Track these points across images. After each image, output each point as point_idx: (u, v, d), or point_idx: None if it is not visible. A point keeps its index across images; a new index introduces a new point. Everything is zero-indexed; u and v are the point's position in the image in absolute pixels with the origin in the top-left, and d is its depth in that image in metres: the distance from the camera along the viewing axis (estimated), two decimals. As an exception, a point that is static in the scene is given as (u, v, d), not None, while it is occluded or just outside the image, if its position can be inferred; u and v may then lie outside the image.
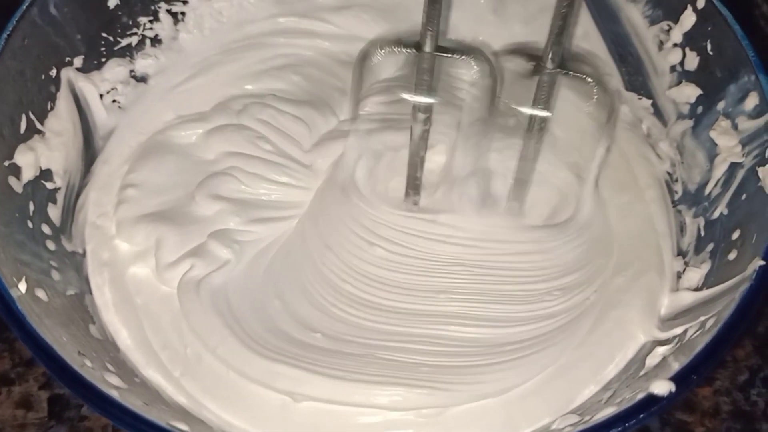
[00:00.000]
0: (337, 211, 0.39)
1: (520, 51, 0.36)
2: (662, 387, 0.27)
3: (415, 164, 0.38)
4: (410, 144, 0.37)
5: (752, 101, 0.35)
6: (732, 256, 0.33)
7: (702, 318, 0.31)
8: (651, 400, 0.27)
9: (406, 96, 0.36)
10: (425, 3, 0.32)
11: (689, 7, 0.39)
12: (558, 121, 0.40)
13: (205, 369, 0.35)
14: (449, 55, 0.34)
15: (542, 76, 0.34)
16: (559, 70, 0.34)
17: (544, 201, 0.40)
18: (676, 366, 0.28)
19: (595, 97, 0.35)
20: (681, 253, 0.38)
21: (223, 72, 0.45)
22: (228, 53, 0.46)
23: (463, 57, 0.34)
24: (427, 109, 0.36)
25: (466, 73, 0.39)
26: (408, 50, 0.34)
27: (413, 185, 0.38)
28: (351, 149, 0.39)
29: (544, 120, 0.35)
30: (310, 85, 0.44)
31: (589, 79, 0.34)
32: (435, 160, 0.40)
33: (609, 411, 0.28)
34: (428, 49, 0.34)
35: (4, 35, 0.35)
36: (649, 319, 0.35)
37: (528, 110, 0.35)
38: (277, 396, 0.34)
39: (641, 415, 0.26)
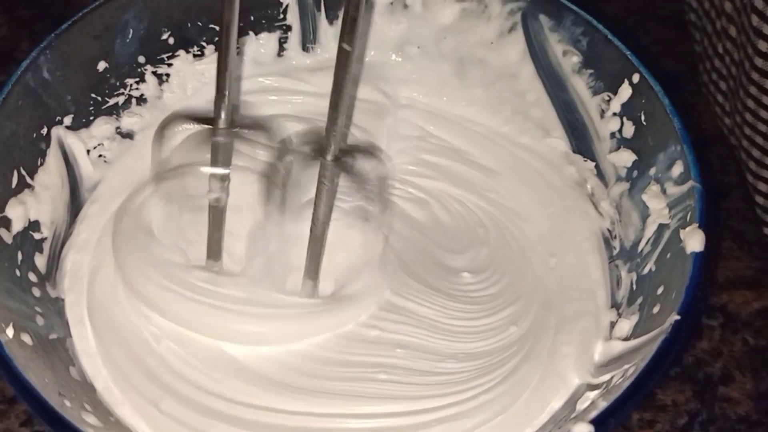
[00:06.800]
0: None
1: (309, 140, 0.38)
2: (582, 429, 0.30)
3: (216, 234, 0.40)
4: (209, 216, 0.40)
5: (678, 169, 0.38)
6: (656, 309, 0.36)
7: (626, 366, 0.34)
8: (571, 441, 0.30)
9: (203, 169, 0.39)
10: (216, 76, 0.35)
11: (626, 81, 0.42)
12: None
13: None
14: (242, 130, 0.37)
15: (322, 168, 0.37)
16: (337, 163, 0.36)
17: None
18: (597, 410, 0.31)
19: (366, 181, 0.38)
20: (616, 305, 0.41)
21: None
22: (211, 110, 0.49)
23: (257, 131, 0.38)
24: (223, 180, 0.39)
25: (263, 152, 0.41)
26: (201, 125, 0.37)
27: (215, 252, 0.40)
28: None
29: (327, 210, 0.38)
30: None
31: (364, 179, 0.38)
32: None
33: (536, 452, 0.31)
34: (222, 125, 0.37)
35: (0, 98, 0.38)
36: (583, 364, 0.38)
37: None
38: None
39: (563, 455, 0.29)
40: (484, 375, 0.38)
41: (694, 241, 0.35)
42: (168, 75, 0.49)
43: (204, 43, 0.49)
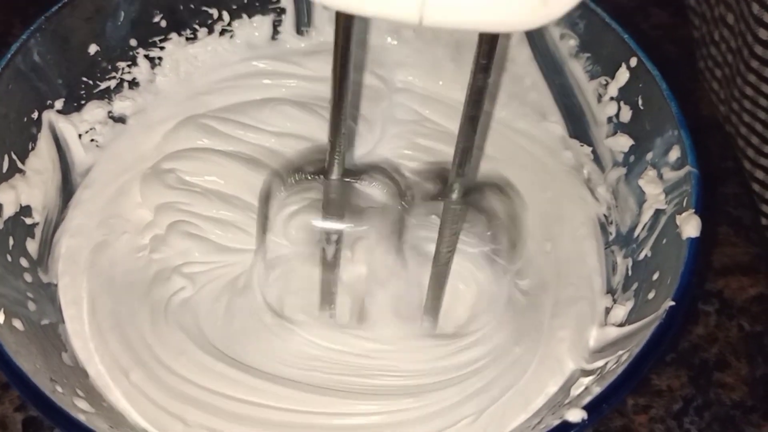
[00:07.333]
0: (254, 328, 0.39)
1: (431, 174, 0.36)
2: (576, 415, 0.30)
3: (329, 282, 0.38)
4: (322, 266, 0.38)
5: (675, 154, 0.38)
6: (651, 295, 0.36)
7: (620, 352, 0.34)
8: (564, 427, 0.29)
9: (315, 223, 0.37)
10: (329, 131, 0.32)
11: (623, 65, 0.42)
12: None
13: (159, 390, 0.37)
14: (356, 180, 0.35)
15: (446, 208, 0.34)
16: (463, 205, 0.34)
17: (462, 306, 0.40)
18: (591, 395, 0.31)
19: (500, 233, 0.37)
20: (611, 290, 0.41)
21: (198, 111, 0.48)
22: (203, 94, 0.49)
23: (373, 183, 0.36)
24: (337, 232, 0.37)
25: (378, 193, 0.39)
26: (313, 177, 0.35)
27: (328, 300, 0.39)
28: (260, 273, 0.40)
29: (450, 251, 0.36)
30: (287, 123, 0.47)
31: (493, 218, 0.36)
32: (351, 270, 0.40)
33: (529, 437, 0.31)
34: (335, 176, 0.34)
35: (-10, 82, 0.38)
36: (578, 349, 0.38)
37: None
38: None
39: (555, 441, 0.29)
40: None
41: (690, 226, 0.35)
42: (160, 58, 0.48)
43: (197, 26, 0.49)
